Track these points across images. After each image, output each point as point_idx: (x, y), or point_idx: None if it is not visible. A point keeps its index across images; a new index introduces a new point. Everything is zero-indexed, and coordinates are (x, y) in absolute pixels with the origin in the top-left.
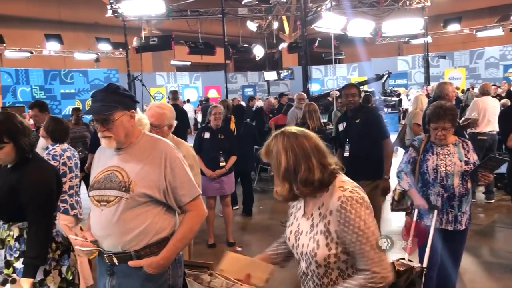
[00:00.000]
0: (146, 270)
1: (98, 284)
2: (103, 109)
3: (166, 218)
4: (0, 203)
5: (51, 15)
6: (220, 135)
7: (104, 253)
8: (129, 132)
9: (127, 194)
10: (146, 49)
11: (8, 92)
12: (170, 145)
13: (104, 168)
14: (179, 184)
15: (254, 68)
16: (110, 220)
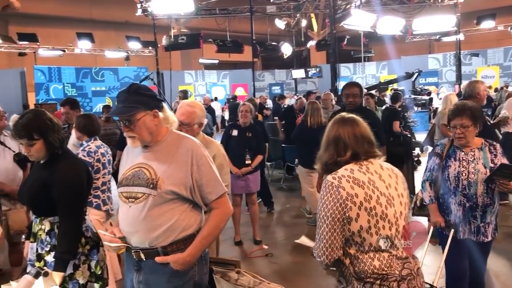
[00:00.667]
0: (173, 266)
1: (125, 279)
2: (125, 110)
3: (193, 215)
4: (32, 198)
5: (83, 14)
6: (248, 133)
7: (131, 248)
8: (153, 131)
9: (155, 191)
10: (175, 47)
11: (41, 90)
12: (196, 143)
13: (132, 165)
14: (205, 182)
15: (282, 66)
16: (138, 216)
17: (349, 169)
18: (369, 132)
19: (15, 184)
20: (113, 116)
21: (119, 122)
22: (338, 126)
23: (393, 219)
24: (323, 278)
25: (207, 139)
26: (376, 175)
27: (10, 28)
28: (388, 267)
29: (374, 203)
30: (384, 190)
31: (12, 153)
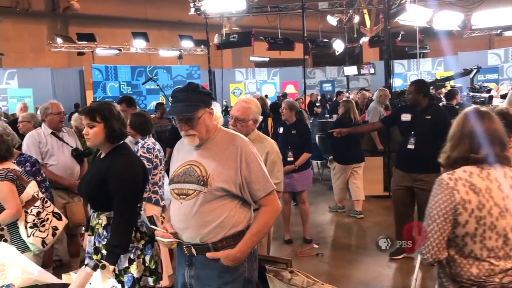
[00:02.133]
0: (223, 262)
1: (176, 274)
2: (188, 109)
3: (242, 211)
4: (91, 192)
5: (138, 14)
6: (292, 131)
7: (183, 244)
8: (209, 128)
9: (205, 188)
10: (226, 45)
11: (99, 88)
12: (245, 140)
13: (183, 162)
14: (254, 179)
15: (333, 63)
16: (189, 212)
17: (468, 172)
18: (503, 132)
19: (73, 178)
20: (176, 115)
21: (174, 121)
22: (477, 120)
23: (502, 231)
24: (375, 282)
25: (261, 136)
26: (495, 183)
27: (70, 29)
28: (487, 275)
29: (485, 213)
30: (499, 201)
31: (70, 148)
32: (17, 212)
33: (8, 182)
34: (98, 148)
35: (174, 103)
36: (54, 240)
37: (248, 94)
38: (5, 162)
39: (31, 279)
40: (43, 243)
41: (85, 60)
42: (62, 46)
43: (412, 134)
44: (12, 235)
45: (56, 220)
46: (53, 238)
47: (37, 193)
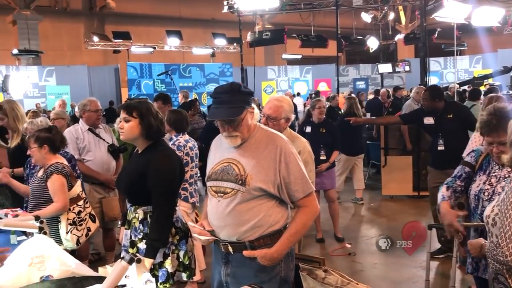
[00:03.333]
0: (260, 261)
1: (213, 270)
2: (234, 111)
3: (280, 211)
4: (129, 186)
5: (172, 13)
6: (322, 129)
7: (220, 242)
8: (250, 128)
9: (244, 188)
10: (259, 43)
11: (134, 85)
12: (285, 140)
13: (221, 160)
14: (293, 180)
15: (367, 61)
16: (226, 211)
17: None
18: None
19: (109, 173)
20: (221, 118)
21: (216, 122)
22: None
23: None
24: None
25: (294, 135)
26: None
27: (106, 27)
28: None
29: None
30: None
31: (106, 144)
32: (63, 207)
33: (62, 176)
34: (133, 144)
35: (217, 105)
36: (86, 240)
37: (280, 92)
38: (57, 155)
39: (69, 271)
40: (77, 241)
41: (121, 58)
42: (98, 44)
43: (440, 136)
44: (51, 229)
45: (91, 221)
46: (85, 239)
47: (81, 192)
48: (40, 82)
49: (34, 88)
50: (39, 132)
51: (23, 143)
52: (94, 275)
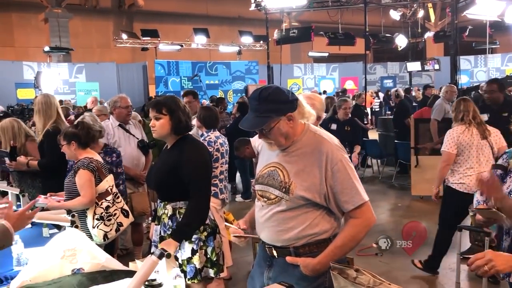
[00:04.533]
0: (302, 269)
1: (254, 270)
2: (257, 122)
3: (329, 220)
4: (159, 182)
5: (200, 10)
6: (347, 127)
7: (265, 244)
8: (290, 134)
9: (287, 196)
10: (286, 41)
11: (161, 82)
12: (333, 145)
13: (268, 163)
14: (340, 190)
15: (395, 59)
16: (270, 217)
17: None
18: None
19: (139, 168)
20: (247, 128)
21: None
22: None
23: None
24: (439, 286)
25: None
26: None
27: (135, 25)
28: None
29: None
30: None
31: (136, 140)
32: (89, 202)
33: (88, 171)
34: (163, 140)
35: (250, 112)
36: (116, 235)
37: (306, 90)
38: (88, 150)
39: (99, 264)
40: (105, 236)
41: (148, 55)
42: (127, 42)
43: None
44: (82, 223)
45: (123, 216)
46: (115, 234)
47: (111, 188)
48: (70, 78)
49: (64, 85)
50: (67, 129)
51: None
52: (124, 269)
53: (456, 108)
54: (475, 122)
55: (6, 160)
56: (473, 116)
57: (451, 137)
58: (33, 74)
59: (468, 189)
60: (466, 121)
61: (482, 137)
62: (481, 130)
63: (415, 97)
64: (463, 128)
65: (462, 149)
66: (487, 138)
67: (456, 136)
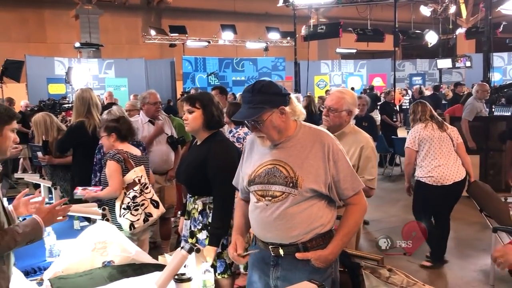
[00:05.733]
0: (314, 263)
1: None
2: (250, 113)
3: (329, 211)
4: (189, 177)
5: (227, 7)
6: (364, 123)
7: (268, 244)
8: (282, 128)
9: (295, 190)
10: (314, 37)
11: (188, 79)
12: (331, 137)
13: (263, 162)
14: (342, 178)
15: (424, 56)
16: (277, 215)
17: None
18: None
19: (168, 164)
20: (239, 119)
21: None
22: None
23: None
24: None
25: (356, 129)
26: None
27: (163, 21)
28: None
29: None
30: None
31: (166, 136)
32: (115, 191)
33: (114, 162)
34: (193, 136)
35: (243, 104)
36: (145, 226)
37: (333, 87)
38: (125, 143)
39: (129, 257)
40: (131, 226)
41: (176, 51)
42: (155, 38)
43: None
44: (112, 216)
45: (153, 207)
46: (143, 224)
47: (139, 178)
48: (100, 74)
49: (94, 80)
50: (108, 121)
51: None
52: (154, 263)
53: (414, 111)
54: (433, 120)
55: (39, 154)
56: (430, 115)
57: (413, 135)
58: (64, 69)
59: (436, 182)
60: (424, 120)
61: (441, 130)
62: (439, 124)
63: (445, 94)
64: (423, 125)
65: (425, 143)
66: (446, 131)
67: (417, 133)
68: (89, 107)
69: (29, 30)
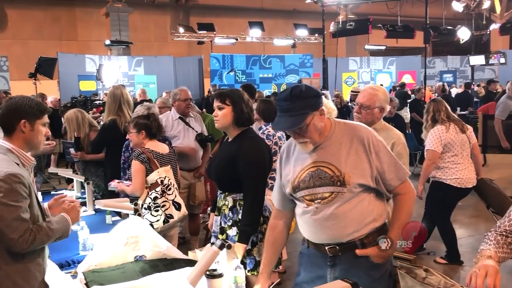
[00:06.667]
0: (373, 259)
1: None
2: (294, 121)
3: (380, 204)
4: (220, 174)
5: (255, 4)
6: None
7: (324, 245)
8: (322, 129)
9: (344, 188)
10: (342, 33)
11: (216, 76)
12: (368, 129)
13: (304, 166)
14: (387, 169)
15: (455, 52)
16: (328, 215)
17: None
18: None
19: (196, 161)
20: (282, 130)
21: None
22: None
23: None
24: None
25: (387, 126)
26: None
27: (191, 19)
28: None
29: None
30: None
31: (195, 133)
32: (136, 191)
33: (138, 162)
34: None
35: (280, 113)
36: (165, 227)
37: (361, 84)
38: (154, 140)
39: (161, 252)
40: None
41: (204, 49)
42: (183, 36)
43: None
44: None
45: (174, 209)
46: (163, 225)
47: (162, 179)
48: (129, 71)
49: (123, 77)
50: (138, 118)
51: None
52: (185, 258)
53: (428, 110)
54: (452, 120)
55: (71, 150)
56: (447, 115)
57: (436, 137)
58: (95, 66)
59: (461, 184)
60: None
61: (461, 132)
62: (460, 126)
63: (478, 92)
64: (443, 127)
65: (449, 147)
66: (465, 132)
67: (441, 135)
68: (120, 105)
69: (61, 28)
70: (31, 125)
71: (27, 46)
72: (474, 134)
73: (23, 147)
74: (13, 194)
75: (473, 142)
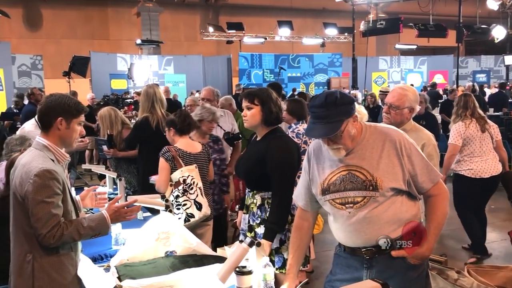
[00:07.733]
0: (410, 261)
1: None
2: (331, 128)
3: (413, 204)
4: (248, 172)
5: (284, 3)
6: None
7: (361, 248)
8: (355, 135)
9: (377, 192)
10: (373, 32)
11: (244, 75)
12: (400, 132)
13: (335, 169)
14: (419, 171)
15: (488, 52)
16: (362, 220)
17: None
18: None
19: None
20: (319, 138)
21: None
22: None
23: None
24: None
25: (417, 127)
26: None
27: (220, 18)
28: None
29: None
30: None
31: (223, 132)
32: (159, 187)
33: (163, 160)
34: (253, 131)
35: (314, 120)
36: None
37: (391, 84)
38: (184, 136)
39: (191, 248)
40: None
41: (232, 48)
42: (213, 35)
43: None
44: None
45: (195, 208)
46: (184, 223)
47: (184, 178)
48: (160, 70)
49: (154, 76)
50: (169, 116)
51: None
52: (214, 255)
53: (458, 103)
54: (474, 117)
55: (104, 148)
56: (472, 112)
57: (456, 132)
58: (126, 65)
59: (475, 174)
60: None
61: (482, 131)
62: (481, 124)
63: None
64: (464, 123)
65: (468, 142)
66: (487, 130)
67: (461, 130)
68: (152, 103)
69: (93, 28)
70: (67, 123)
71: (61, 45)
72: (499, 132)
73: (57, 143)
74: (46, 190)
75: (497, 140)
